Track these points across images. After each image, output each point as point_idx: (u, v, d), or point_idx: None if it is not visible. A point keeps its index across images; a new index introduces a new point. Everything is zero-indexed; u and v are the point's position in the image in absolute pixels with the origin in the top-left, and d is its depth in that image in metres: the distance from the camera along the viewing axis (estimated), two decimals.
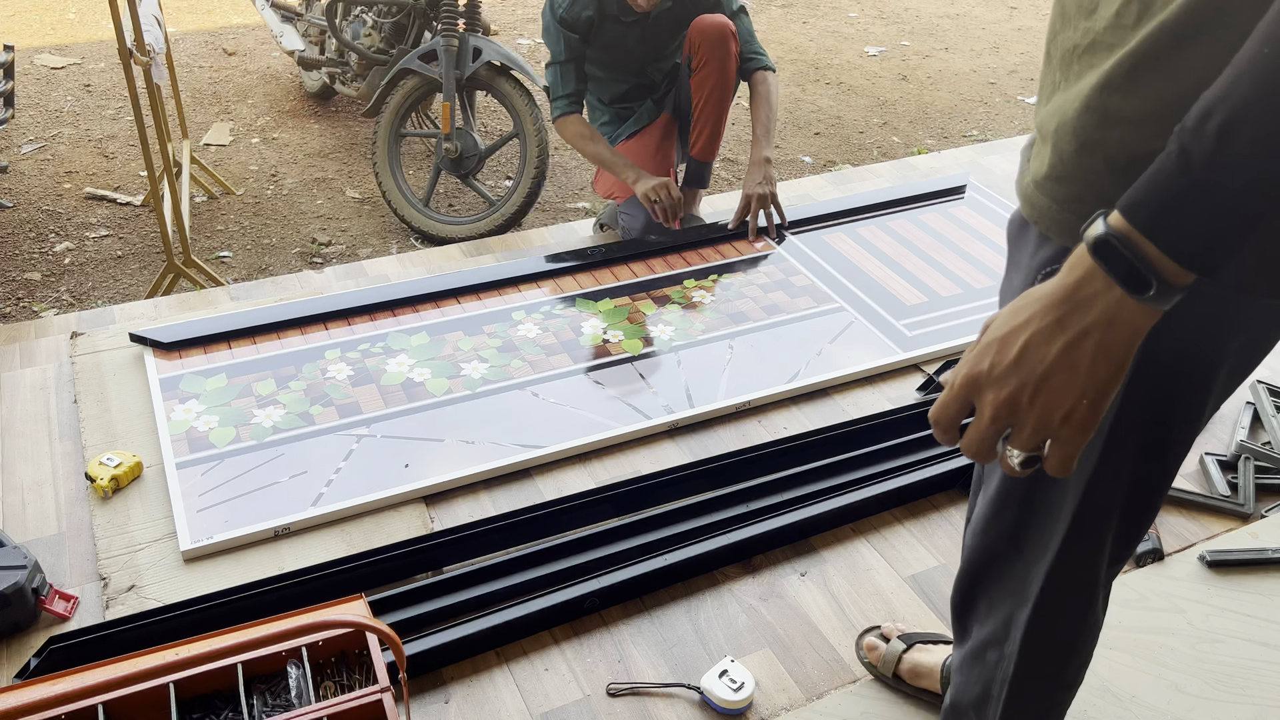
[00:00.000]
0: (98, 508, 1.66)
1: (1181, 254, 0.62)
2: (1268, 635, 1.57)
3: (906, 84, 4.53)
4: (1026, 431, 0.69)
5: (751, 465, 1.79)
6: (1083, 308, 0.66)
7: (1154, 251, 0.62)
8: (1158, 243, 0.62)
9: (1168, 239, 0.62)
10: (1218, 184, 0.60)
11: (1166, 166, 0.62)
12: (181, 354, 2.01)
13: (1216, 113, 0.60)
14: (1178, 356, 0.79)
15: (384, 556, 1.56)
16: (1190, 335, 0.77)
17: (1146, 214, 0.62)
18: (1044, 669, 1.01)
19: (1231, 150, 0.59)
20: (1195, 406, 0.83)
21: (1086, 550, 0.92)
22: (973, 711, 1.09)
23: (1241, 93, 0.59)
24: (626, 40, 2.43)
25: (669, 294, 2.29)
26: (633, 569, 1.57)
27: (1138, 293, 0.63)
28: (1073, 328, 0.66)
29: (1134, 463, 0.85)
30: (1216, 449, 1.93)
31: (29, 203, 3.20)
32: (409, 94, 3.03)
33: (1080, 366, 0.67)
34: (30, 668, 1.37)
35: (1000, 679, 1.02)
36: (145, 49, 2.46)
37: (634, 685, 1.44)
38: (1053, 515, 0.90)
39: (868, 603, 1.60)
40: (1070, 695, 1.07)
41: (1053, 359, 0.67)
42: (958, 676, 1.11)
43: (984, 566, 1.00)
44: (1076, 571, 0.93)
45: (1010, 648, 1.00)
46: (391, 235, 3.16)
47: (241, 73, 4.26)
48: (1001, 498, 0.94)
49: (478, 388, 1.96)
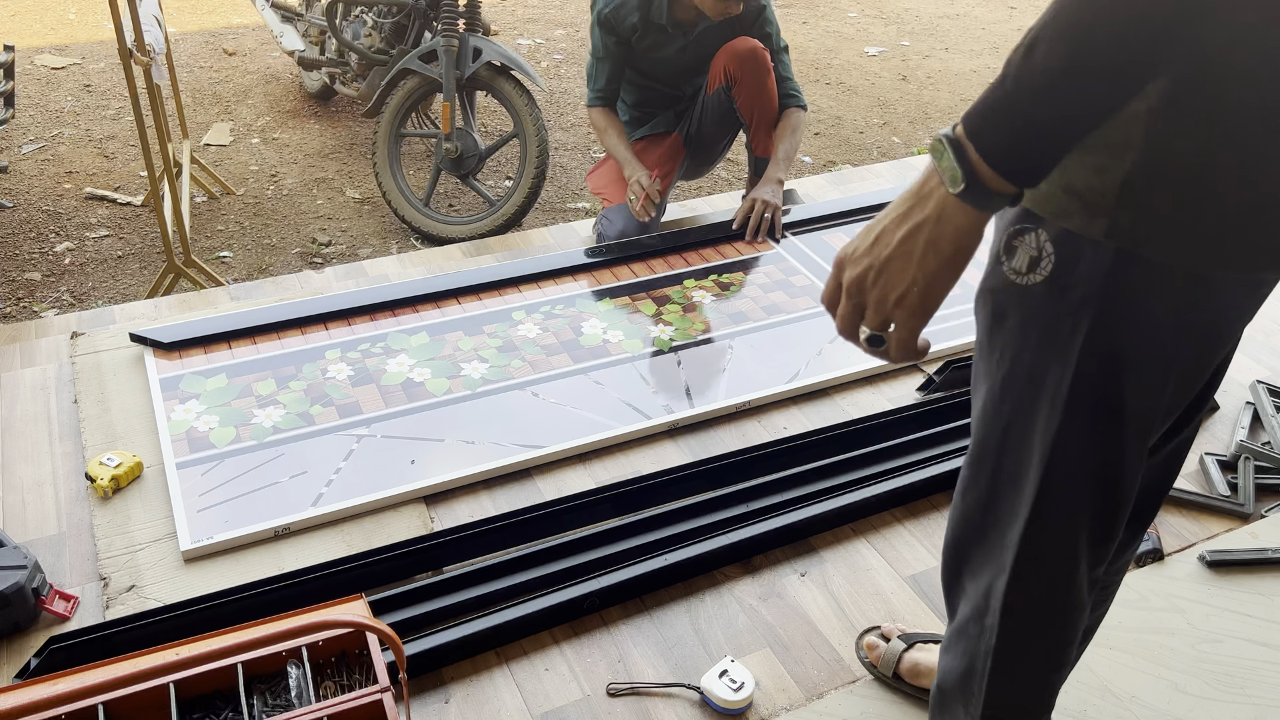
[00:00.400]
0: (98, 508, 1.66)
1: (992, 157, 0.71)
2: (1268, 635, 1.57)
3: (906, 84, 4.53)
4: (870, 310, 0.79)
5: (751, 465, 1.79)
6: (923, 202, 0.75)
7: (974, 154, 0.71)
8: (976, 146, 0.71)
9: (983, 143, 0.71)
10: (1020, 94, 0.69)
11: (994, 82, 0.72)
12: (181, 354, 2.01)
13: (1028, 35, 0.69)
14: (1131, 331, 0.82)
15: (384, 556, 1.56)
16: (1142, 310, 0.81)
17: (972, 121, 0.72)
18: (1026, 642, 1.01)
19: (1030, 64, 0.68)
20: (1149, 381, 0.85)
21: (1059, 524, 0.93)
22: (959, 691, 1.08)
23: (1046, 17, 0.68)
24: (667, 50, 2.48)
25: (669, 294, 2.29)
26: (633, 569, 1.57)
27: (953, 188, 0.72)
28: (912, 219, 0.76)
29: (1093, 435, 0.87)
30: (1216, 449, 1.93)
31: (29, 203, 3.20)
32: (409, 94, 3.03)
33: (914, 255, 0.76)
34: (30, 668, 1.37)
35: (984, 651, 1.03)
36: (145, 49, 2.46)
37: (634, 685, 1.44)
38: (1020, 481, 0.92)
39: (868, 603, 1.60)
40: (1058, 678, 1.07)
41: (894, 245, 0.77)
42: (944, 658, 1.11)
43: (963, 538, 1.02)
44: (1051, 544, 0.94)
45: (991, 619, 1.00)
46: (391, 235, 3.16)
47: (241, 73, 4.26)
48: (974, 465, 0.97)
49: (478, 388, 1.96)
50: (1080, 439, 0.88)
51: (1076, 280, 0.81)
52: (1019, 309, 0.86)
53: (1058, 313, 0.83)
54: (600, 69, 2.53)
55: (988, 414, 0.94)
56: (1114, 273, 0.79)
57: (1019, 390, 0.89)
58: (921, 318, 0.78)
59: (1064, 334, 0.83)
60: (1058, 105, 0.68)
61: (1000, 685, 1.04)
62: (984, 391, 0.94)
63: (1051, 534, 0.94)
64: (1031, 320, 0.86)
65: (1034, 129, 0.70)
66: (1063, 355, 0.84)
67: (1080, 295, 0.81)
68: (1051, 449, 0.88)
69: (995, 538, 0.98)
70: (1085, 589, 1.00)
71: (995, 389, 0.92)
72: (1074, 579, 0.98)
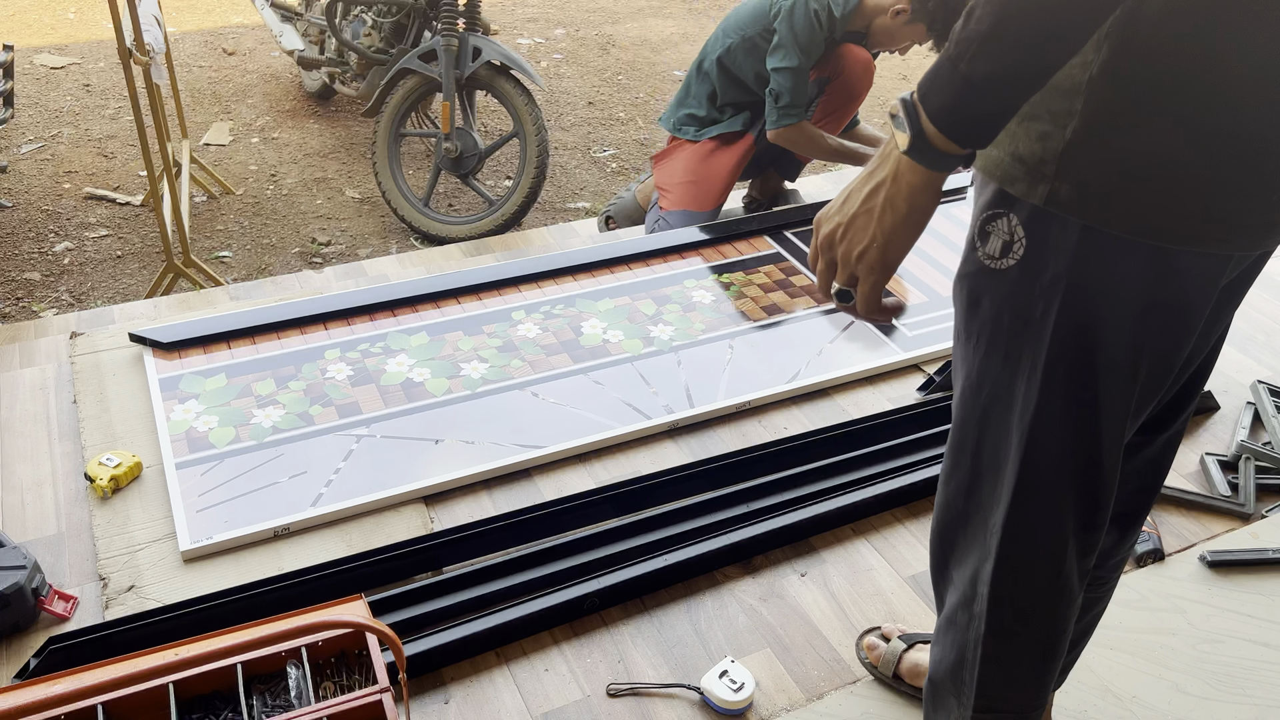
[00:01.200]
0: (97, 508, 1.66)
1: (937, 118, 0.75)
2: (1268, 635, 1.57)
3: (907, 84, 4.53)
4: (838, 266, 0.85)
5: (751, 465, 1.79)
6: (884, 163, 0.80)
7: (924, 116, 0.76)
8: (925, 108, 0.75)
9: (929, 104, 0.75)
10: (960, 57, 0.73)
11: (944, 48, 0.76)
12: (181, 354, 2.01)
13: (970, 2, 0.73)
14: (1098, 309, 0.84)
15: (384, 557, 1.56)
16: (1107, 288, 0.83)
17: (922, 85, 0.76)
18: (1015, 630, 1.01)
19: (966, 28, 0.72)
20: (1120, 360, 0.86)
21: (1042, 507, 0.94)
22: (950, 682, 1.08)
23: None
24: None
25: (669, 294, 2.29)
26: (633, 569, 1.57)
27: (902, 148, 0.77)
28: (875, 179, 0.81)
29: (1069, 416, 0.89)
30: (1217, 449, 1.93)
31: (29, 203, 3.20)
32: (409, 94, 3.03)
33: (874, 213, 0.81)
34: (30, 668, 1.36)
35: (973, 640, 1.03)
36: (145, 49, 2.46)
37: (634, 685, 1.44)
38: (1000, 465, 0.94)
39: (868, 603, 1.59)
40: (1050, 668, 1.07)
41: (858, 204, 0.82)
42: (935, 650, 1.11)
43: (948, 524, 1.03)
44: (1035, 528, 0.95)
45: (979, 606, 1.01)
46: (391, 235, 3.16)
47: (241, 73, 4.26)
48: (955, 451, 0.99)
49: (478, 388, 1.96)
50: (1057, 421, 0.89)
51: (1046, 262, 0.84)
52: (993, 293, 0.88)
53: (1030, 295, 0.85)
54: (804, 77, 2.40)
55: (967, 399, 0.95)
56: (1080, 252, 0.82)
57: (995, 374, 0.91)
58: (882, 273, 0.83)
59: (1036, 316, 0.85)
60: (988, 66, 0.72)
61: (991, 675, 1.04)
62: (962, 377, 0.96)
63: (1035, 517, 0.95)
64: (1005, 304, 0.88)
65: (971, 89, 0.73)
66: (1036, 337, 0.86)
67: (1050, 276, 0.84)
68: (1029, 431, 0.90)
69: (979, 523, 0.99)
70: (1075, 578, 1.00)
71: (973, 374, 0.93)
72: (1061, 565, 0.98)
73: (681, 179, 2.59)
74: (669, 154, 2.65)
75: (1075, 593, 1.01)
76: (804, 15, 2.33)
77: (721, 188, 2.58)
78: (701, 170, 2.57)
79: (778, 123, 2.42)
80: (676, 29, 5.12)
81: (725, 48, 2.49)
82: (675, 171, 2.60)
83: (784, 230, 2.55)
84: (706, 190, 2.58)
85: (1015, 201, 0.84)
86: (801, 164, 2.78)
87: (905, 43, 2.47)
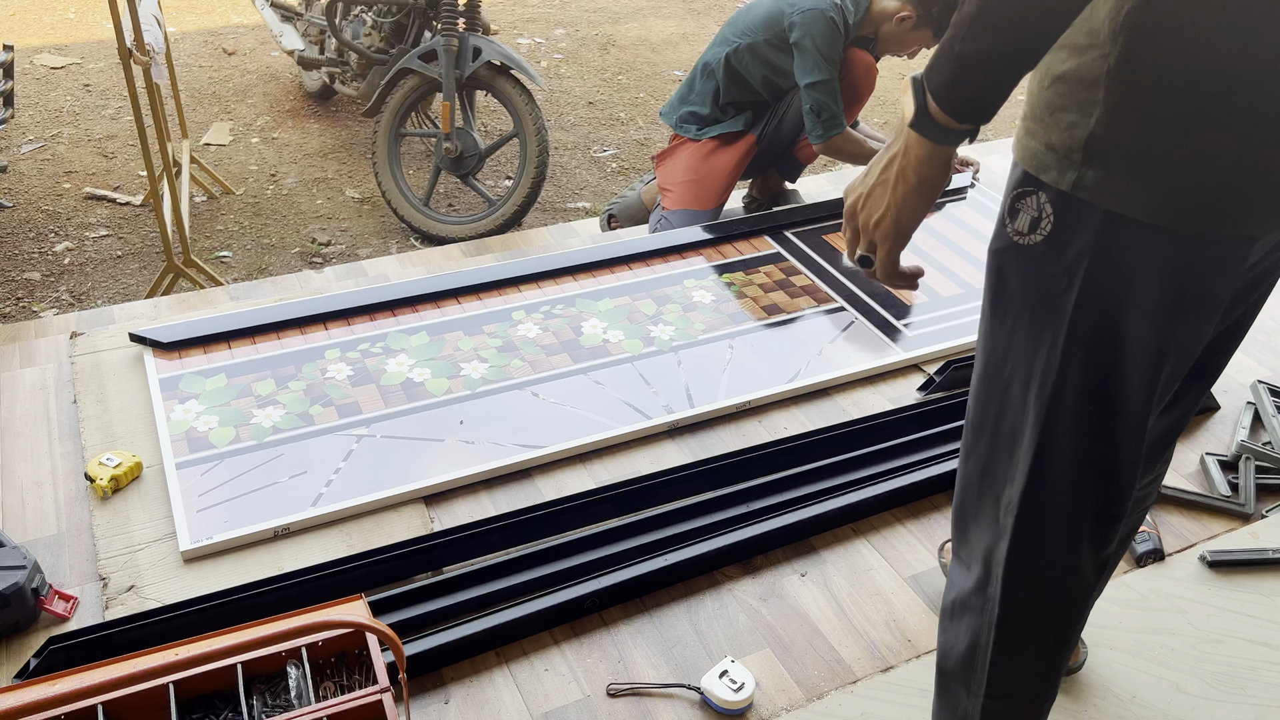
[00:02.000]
0: (97, 508, 1.66)
1: (938, 94, 0.82)
2: (1268, 635, 1.57)
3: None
4: (861, 234, 0.92)
5: (751, 465, 1.79)
6: (899, 138, 0.87)
7: (927, 93, 0.82)
8: (928, 85, 0.82)
9: (931, 81, 0.82)
10: (955, 38, 0.79)
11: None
12: (181, 354, 2.01)
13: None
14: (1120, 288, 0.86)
15: (384, 557, 1.56)
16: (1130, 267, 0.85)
17: (929, 64, 0.83)
18: (1029, 614, 1.02)
19: (961, 11, 0.78)
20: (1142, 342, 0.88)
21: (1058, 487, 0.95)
22: (961, 670, 1.08)
23: None
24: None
25: (669, 294, 2.29)
26: (633, 569, 1.57)
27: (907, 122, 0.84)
28: (890, 152, 0.88)
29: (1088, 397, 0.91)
30: (1217, 449, 1.93)
31: (29, 203, 3.20)
32: (409, 94, 3.03)
33: (889, 184, 0.88)
34: (30, 668, 1.37)
35: (987, 624, 1.03)
36: (145, 49, 2.46)
37: (634, 685, 1.44)
38: (1017, 442, 0.96)
39: (868, 603, 1.59)
40: (1062, 659, 1.07)
41: (875, 176, 0.89)
42: (944, 633, 1.11)
43: (965, 500, 1.05)
44: (1050, 509, 0.96)
45: (993, 589, 1.02)
46: (391, 235, 3.16)
47: (241, 72, 4.26)
48: (974, 429, 1.01)
49: (478, 388, 1.96)
50: (1074, 399, 0.91)
51: (1071, 239, 0.86)
52: (1020, 268, 0.91)
53: (1054, 271, 0.88)
54: (836, 86, 2.41)
55: (990, 374, 0.97)
56: (1103, 235, 0.84)
57: (1019, 349, 0.93)
58: (897, 240, 0.89)
59: (1059, 291, 0.88)
60: (976, 45, 0.78)
61: (1004, 664, 1.04)
62: (987, 352, 0.97)
63: (1050, 497, 0.95)
64: (1032, 279, 0.90)
65: (962, 67, 0.79)
66: (1058, 312, 0.88)
67: (1074, 253, 0.86)
68: (1048, 406, 0.92)
69: (994, 501, 1.00)
70: (1089, 566, 1.00)
71: (998, 349, 0.95)
72: (1077, 551, 0.98)
73: (683, 178, 2.60)
74: (670, 154, 2.66)
75: (1090, 582, 1.02)
76: (824, 27, 2.36)
77: (723, 186, 2.59)
78: (703, 169, 2.58)
79: (824, 135, 2.46)
80: (676, 29, 5.12)
81: (734, 49, 2.51)
82: (677, 171, 2.62)
83: (784, 230, 2.55)
84: (708, 189, 2.59)
85: (1044, 183, 0.87)
86: (802, 165, 2.79)
87: (912, 48, 2.49)
